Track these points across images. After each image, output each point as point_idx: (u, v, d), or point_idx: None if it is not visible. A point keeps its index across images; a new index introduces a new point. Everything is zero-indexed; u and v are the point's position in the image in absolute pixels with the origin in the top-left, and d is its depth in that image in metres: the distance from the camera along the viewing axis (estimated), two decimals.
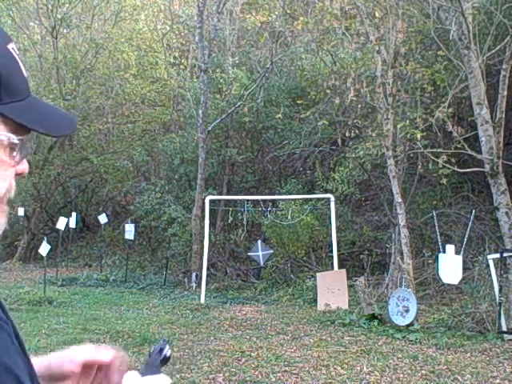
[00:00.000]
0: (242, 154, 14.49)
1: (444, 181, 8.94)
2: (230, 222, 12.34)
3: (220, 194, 13.83)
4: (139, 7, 17.05)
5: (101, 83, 17.12)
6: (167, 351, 1.21)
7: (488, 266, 7.76)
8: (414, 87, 9.81)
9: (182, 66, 17.91)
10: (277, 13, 13.07)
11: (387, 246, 10.81)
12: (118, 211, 18.85)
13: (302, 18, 10.16)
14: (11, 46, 0.90)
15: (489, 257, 7.84)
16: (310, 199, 12.34)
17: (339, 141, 11.66)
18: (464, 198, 11.96)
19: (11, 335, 0.84)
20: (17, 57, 0.91)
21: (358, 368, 6.15)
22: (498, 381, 5.76)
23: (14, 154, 0.91)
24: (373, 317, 8.24)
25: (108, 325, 8.38)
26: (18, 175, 0.95)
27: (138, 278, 13.35)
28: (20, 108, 0.87)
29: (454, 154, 8.89)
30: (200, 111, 12.86)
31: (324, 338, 7.58)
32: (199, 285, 11.06)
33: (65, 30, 16.79)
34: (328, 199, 11.18)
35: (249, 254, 11.85)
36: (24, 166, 0.95)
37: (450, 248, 7.88)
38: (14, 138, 0.88)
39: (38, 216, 17.29)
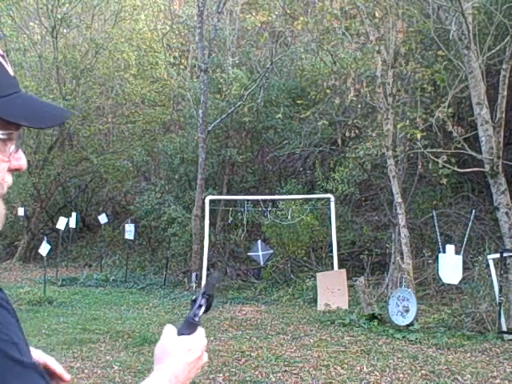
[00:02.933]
0: (242, 154, 14.48)
1: (444, 181, 8.94)
2: (230, 222, 12.35)
3: (220, 194, 13.83)
4: (139, 7, 17.04)
5: (101, 83, 17.12)
6: (206, 303, 1.14)
7: (488, 265, 7.76)
8: (414, 87, 9.81)
9: (182, 66, 17.90)
10: (277, 13, 13.07)
11: (387, 245, 10.81)
12: (118, 211, 18.86)
13: (301, 18, 10.16)
14: None
15: (489, 257, 7.84)
16: (310, 199, 12.34)
17: (339, 141, 11.66)
18: (464, 197, 11.96)
19: (10, 311, 0.88)
20: None
21: (358, 368, 6.15)
22: (498, 381, 5.76)
23: (7, 148, 0.94)
24: (373, 317, 8.24)
25: (108, 325, 8.38)
26: (15, 171, 0.97)
27: (138, 278, 13.35)
28: (4, 104, 0.90)
29: (453, 154, 8.88)
30: (200, 111, 12.86)
31: (324, 338, 7.58)
32: (199, 285, 11.06)
33: (65, 30, 16.79)
34: (328, 199, 11.19)
35: (249, 254, 11.86)
36: (21, 162, 0.97)
37: (450, 248, 7.88)
38: (0, 134, 0.91)
39: (38, 216, 17.29)
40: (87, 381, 5.83)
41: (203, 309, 1.15)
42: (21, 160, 0.98)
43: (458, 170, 9.05)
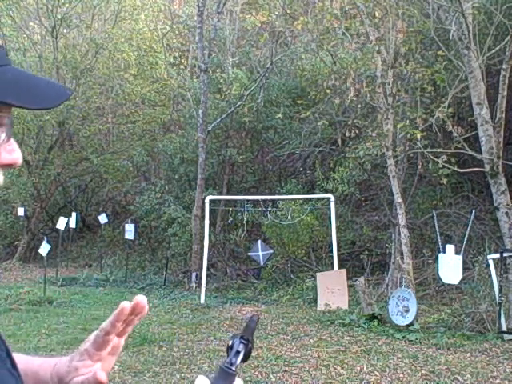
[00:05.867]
0: (242, 154, 14.49)
1: (444, 181, 8.94)
2: (230, 222, 12.35)
3: (220, 194, 13.83)
4: (139, 7, 17.05)
5: (101, 83, 17.13)
6: (244, 349, 0.98)
7: (488, 265, 7.75)
8: (414, 87, 9.81)
9: (182, 66, 17.91)
10: (277, 13, 13.06)
11: (387, 246, 10.81)
12: (118, 211, 18.86)
13: (301, 18, 10.16)
14: None
15: (489, 257, 7.84)
16: (310, 199, 12.34)
17: (339, 141, 11.66)
18: (464, 197, 11.96)
19: None
20: None
21: (358, 368, 6.15)
22: (497, 381, 5.75)
23: None
24: (373, 317, 8.24)
25: None
26: (7, 166, 0.80)
27: (137, 277, 13.35)
28: None
29: (453, 153, 8.88)
30: (200, 111, 12.86)
31: (324, 338, 7.58)
32: (199, 285, 11.06)
33: (65, 30, 16.80)
34: (328, 199, 11.18)
35: (249, 253, 11.85)
36: (14, 156, 0.79)
37: (450, 248, 7.88)
38: None
39: (38, 216, 17.29)
40: None
41: (241, 356, 0.98)
42: (14, 153, 0.79)
43: (458, 170, 9.05)
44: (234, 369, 0.96)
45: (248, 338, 1.00)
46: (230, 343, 0.99)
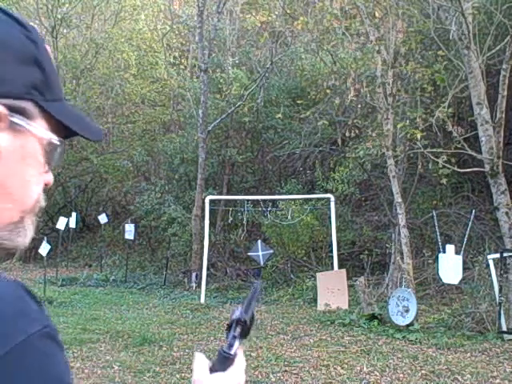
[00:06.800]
0: (242, 154, 14.48)
1: (444, 181, 8.94)
2: (230, 221, 12.35)
3: (220, 193, 13.83)
4: (139, 7, 17.06)
5: (101, 83, 17.13)
6: (241, 331, 1.01)
7: (488, 265, 7.76)
8: (414, 87, 9.81)
9: (182, 66, 17.92)
10: (277, 13, 13.07)
11: (387, 246, 10.80)
12: (118, 211, 18.85)
13: (301, 18, 10.16)
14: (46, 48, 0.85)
15: (489, 257, 7.85)
16: (310, 199, 12.33)
17: (339, 141, 11.66)
18: (464, 198, 11.96)
19: (63, 348, 0.80)
20: (52, 59, 0.87)
21: (358, 368, 6.15)
22: (497, 381, 5.76)
23: (49, 159, 0.85)
24: (373, 317, 8.24)
25: (108, 325, 8.38)
26: (44, 185, 0.89)
27: (137, 277, 13.35)
28: (59, 108, 0.82)
29: (453, 153, 8.88)
30: (200, 111, 12.86)
31: (324, 338, 7.58)
32: (199, 285, 11.07)
33: (65, 30, 16.80)
34: (328, 199, 11.18)
35: (249, 253, 11.85)
36: (50, 177, 0.89)
37: (450, 248, 7.89)
38: (56, 139, 0.82)
39: (38, 216, 17.26)
40: (87, 381, 5.83)
41: (237, 343, 1.02)
42: (48, 175, 0.89)
43: (458, 169, 9.05)
44: (232, 352, 1.00)
45: (245, 320, 1.03)
46: (229, 322, 1.03)
